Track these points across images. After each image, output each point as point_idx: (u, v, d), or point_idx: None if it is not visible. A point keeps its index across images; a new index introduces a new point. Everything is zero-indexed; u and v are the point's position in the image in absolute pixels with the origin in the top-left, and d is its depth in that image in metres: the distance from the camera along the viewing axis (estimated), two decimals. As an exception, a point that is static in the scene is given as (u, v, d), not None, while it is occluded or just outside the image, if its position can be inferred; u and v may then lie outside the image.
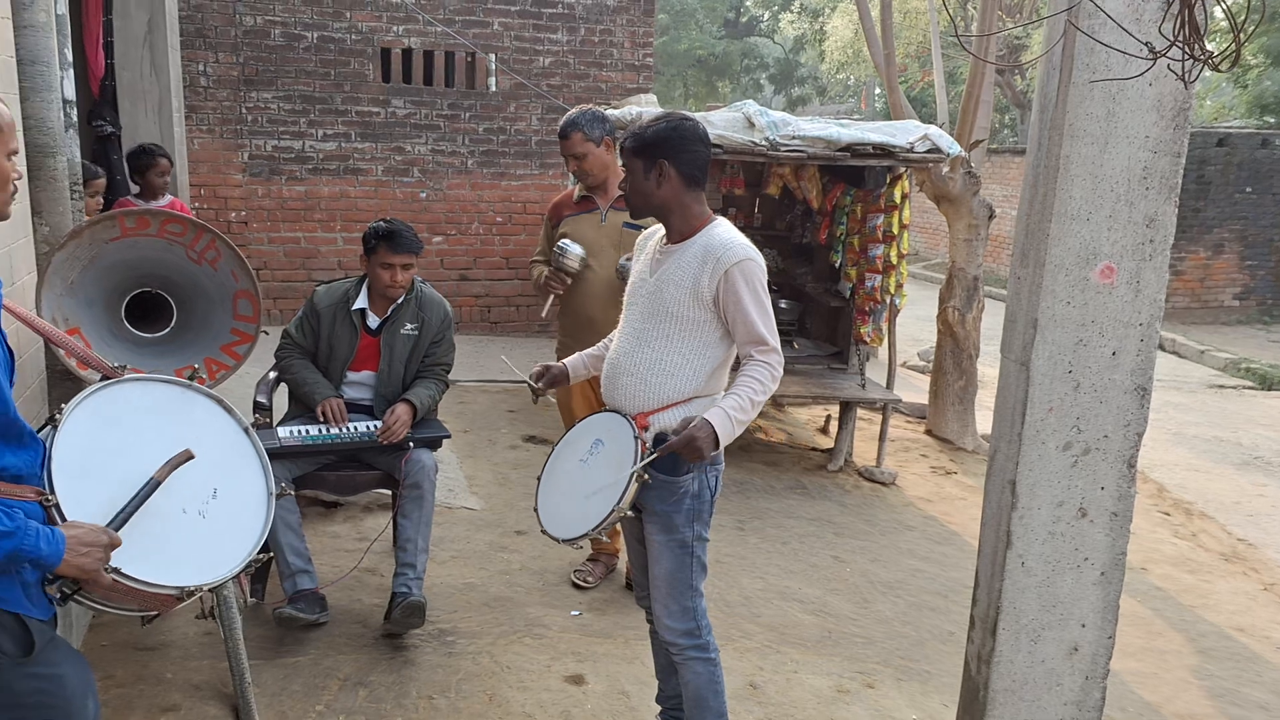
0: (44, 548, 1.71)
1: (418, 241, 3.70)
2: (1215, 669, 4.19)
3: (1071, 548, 2.49)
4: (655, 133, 2.62)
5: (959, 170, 6.89)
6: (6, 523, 1.67)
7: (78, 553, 1.75)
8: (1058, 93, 2.38)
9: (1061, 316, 2.41)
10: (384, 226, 3.68)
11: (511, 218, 8.86)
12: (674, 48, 21.38)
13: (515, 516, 4.93)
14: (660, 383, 2.63)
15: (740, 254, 2.56)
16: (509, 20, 8.52)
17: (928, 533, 5.49)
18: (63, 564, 1.74)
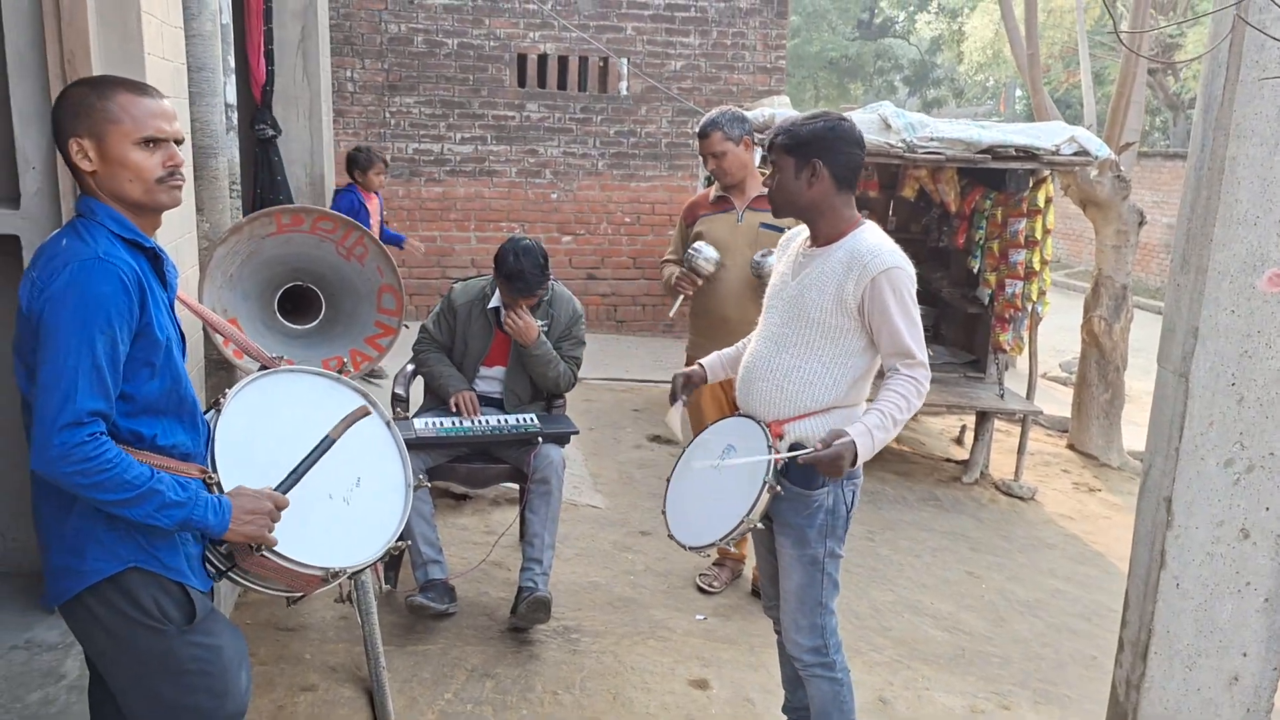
0: (211, 518, 1.81)
1: (540, 279, 3.63)
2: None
3: (1232, 571, 2.34)
4: (811, 131, 2.52)
5: (1107, 174, 6.58)
6: (180, 493, 1.77)
7: (242, 521, 1.84)
8: (1223, 91, 2.25)
9: (1225, 326, 2.28)
10: (511, 265, 3.61)
11: (640, 218, 8.93)
12: (805, 49, 21.13)
13: (639, 516, 4.95)
14: (798, 390, 2.54)
15: (889, 261, 2.45)
16: (642, 25, 8.59)
17: (1069, 552, 5.26)
18: (230, 532, 1.84)
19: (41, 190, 2.78)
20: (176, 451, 1.90)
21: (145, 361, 1.82)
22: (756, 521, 2.47)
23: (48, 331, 1.71)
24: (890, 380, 2.47)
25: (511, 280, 3.64)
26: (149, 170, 1.82)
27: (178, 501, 1.76)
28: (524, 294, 3.66)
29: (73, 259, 1.74)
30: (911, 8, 25.08)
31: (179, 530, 1.80)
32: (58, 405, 1.68)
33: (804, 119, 2.56)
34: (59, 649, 2.90)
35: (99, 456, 1.69)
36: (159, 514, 1.75)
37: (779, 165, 2.56)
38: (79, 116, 1.80)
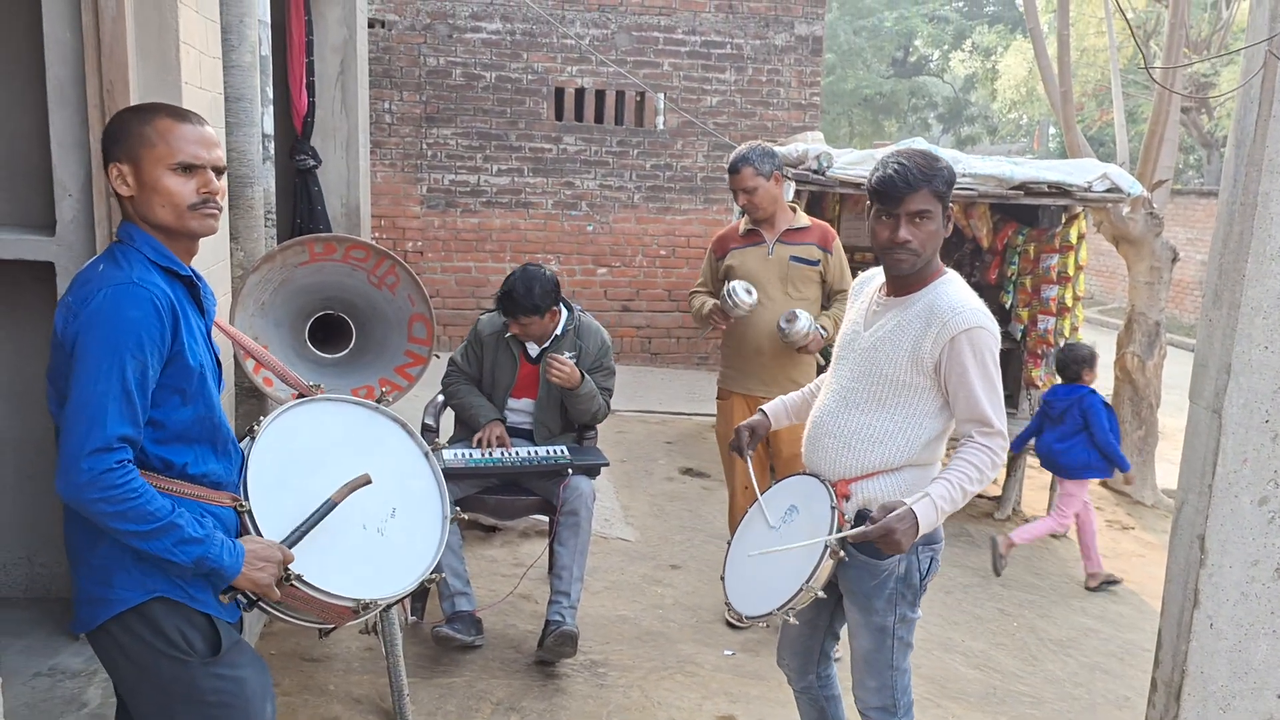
0: (225, 559, 1.81)
1: (535, 301, 3.63)
2: None
3: (1267, 611, 2.31)
4: (950, 173, 2.33)
5: (1140, 211, 6.55)
6: (198, 529, 1.78)
7: (254, 567, 1.85)
8: (1256, 126, 2.25)
9: (1259, 363, 2.26)
10: (505, 285, 3.67)
11: (675, 251, 8.99)
12: (840, 86, 21.25)
13: (670, 550, 4.94)
14: (866, 449, 2.39)
15: (972, 320, 2.28)
16: (679, 61, 8.70)
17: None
18: (240, 577, 1.84)
19: (77, 218, 2.83)
20: (207, 480, 1.90)
21: (176, 388, 1.82)
22: (818, 590, 2.33)
23: (79, 356, 1.72)
24: (963, 448, 2.31)
25: (501, 300, 3.70)
26: (182, 196, 1.82)
27: (195, 538, 1.77)
28: (511, 314, 3.69)
29: (106, 284, 1.75)
30: (946, 46, 25.16)
31: (194, 568, 1.79)
32: (85, 430, 1.68)
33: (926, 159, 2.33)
34: (82, 676, 2.91)
35: (125, 485, 1.69)
36: (176, 549, 1.75)
37: (928, 213, 2.31)
38: (119, 141, 1.81)
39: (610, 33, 8.59)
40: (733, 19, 8.71)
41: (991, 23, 24.59)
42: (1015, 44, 20.09)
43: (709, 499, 5.69)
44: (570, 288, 8.80)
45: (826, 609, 2.60)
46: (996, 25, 24.05)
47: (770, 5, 8.72)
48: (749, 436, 2.76)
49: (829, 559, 2.30)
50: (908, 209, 2.30)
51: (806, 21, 8.80)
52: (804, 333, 3.85)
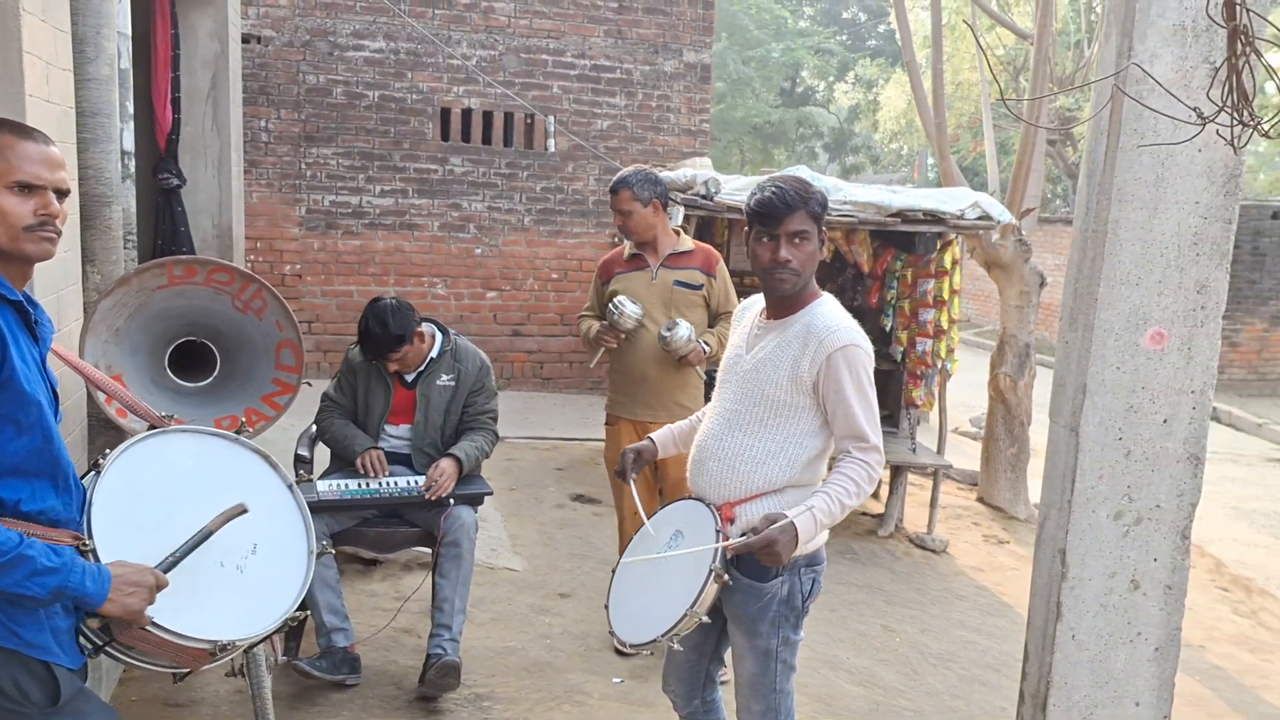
0: (89, 586, 1.69)
1: (395, 333, 3.56)
2: (1283, 758, 3.99)
3: (1124, 621, 2.40)
4: (824, 197, 2.42)
5: (1010, 238, 6.84)
6: (53, 558, 1.66)
7: (123, 592, 1.73)
8: (1105, 157, 2.36)
9: (1111, 382, 2.36)
10: (361, 326, 3.60)
11: (567, 274, 8.96)
12: (731, 115, 21.65)
13: (559, 578, 4.89)
14: (750, 471, 2.42)
15: (846, 339, 2.35)
16: (568, 84, 8.71)
17: (979, 603, 5.34)
18: (107, 603, 1.72)
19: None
20: (44, 517, 1.78)
21: (10, 418, 1.71)
22: (702, 615, 2.33)
23: None
24: (841, 464, 2.36)
25: (360, 342, 3.64)
26: (17, 216, 1.73)
27: (51, 568, 1.65)
28: (378, 355, 3.63)
29: None
30: (831, 78, 25.96)
31: (53, 600, 1.68)
32: None
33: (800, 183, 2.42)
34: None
35: None
36: (29, 581, 1.63)
37: (806, 234, 2.39)
38: None
39: (498, 54, 8.55)
40: (622, 44, 8.78)
41: (873, 56, 25.49)
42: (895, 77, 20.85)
43: (600, 525, 5.65)
44: (458, 312, 8.68)
45: (712, 634, 2.60)
46: (878, 59, 24.94)
47: (659, 32, 8.83)
48: (633, 461, 2.76)
49: (713, 583, 2.30)
50: (786, 230, 2.37)
51: (695, 49, 8.93)
52: (684, 339, 3.87)
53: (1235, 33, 1.93)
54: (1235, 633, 5.28)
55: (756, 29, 21.81)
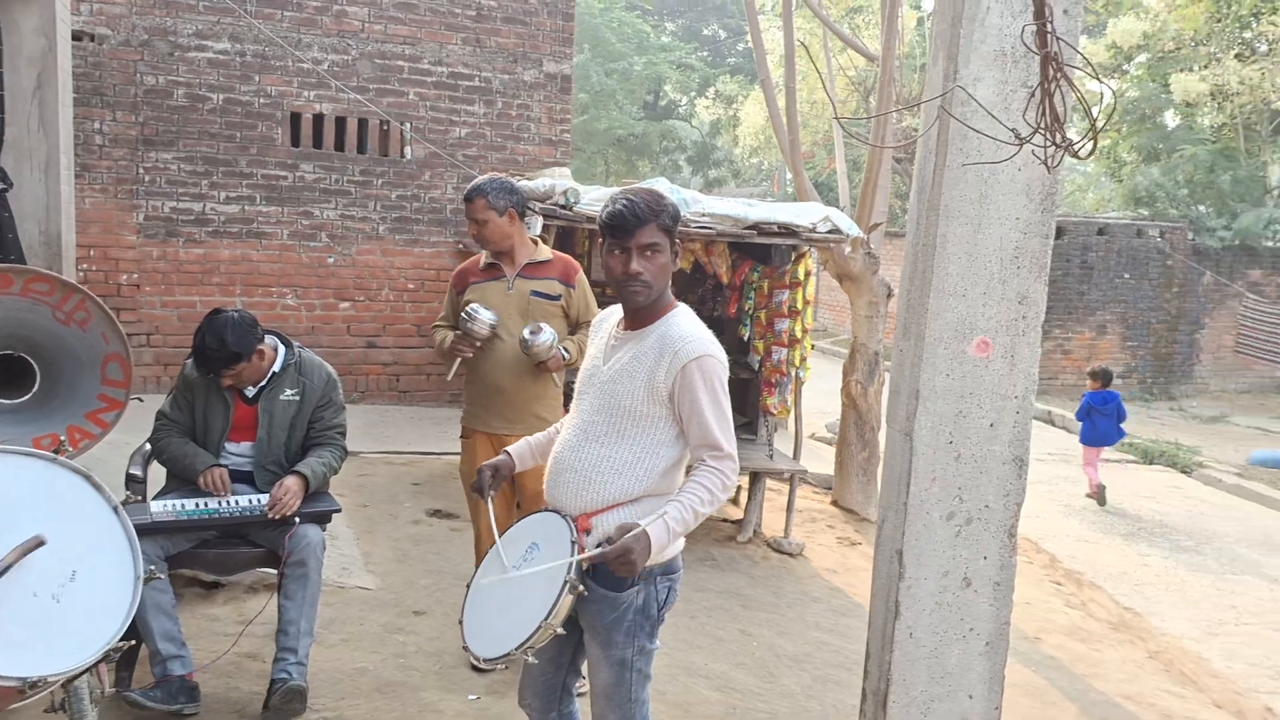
0: None
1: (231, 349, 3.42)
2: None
3: (958, 618, 2.51)
4: (675, 209, 2.44)
5: (859, 250, 7.10)
6: None
7: None
8: (933, 175, 2.48)
9: (942, 388, 2.48)
10: (194, 345, 3.46)
11: (424, 285, 8.79)
12: (594, 126, 21.78)
13: (414, 596, 4.78)
14: (606, 481, 2.43)
15: (701, 349, 2.38)
16: (424, 90, 8.57)
17: (833, 604, 5.50)
18: None
19: None
20: None
21: None
22: (557, 627, 2.32)
23: None
24: (696, 472, 2.39)
25: (195, 360, 3.49)
26: None
27: None
28: (212, 371, 3.49)
29: None
30: (693, 93, 26.45)
31: None
32: None
33: (652, 195, 2.44)
34: None
35: None
36: None
37: (657, 245, 2.41)
38: None
39: (351, 59, 8.34)
40: (480, 53, 8.70)
41: (733, 73, 26.13)
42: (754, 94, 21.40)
43: (457, 541, 5.56)
44: (309, 323, 8.40)
45: (568, 645, 2.59)
46: (738, 75, 25.58)
47: (519, 41, 8.79)
48: (491, 477, 2.72)
49: (568, 594, 2.30)
50: (638, 242, 2.40)
51: (555, 60, 8.94)
52: (547, 344, 3.85)
53: (1047, 59, 2.06)
54: (1068, 624, 5.61)
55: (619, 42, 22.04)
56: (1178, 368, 14.11)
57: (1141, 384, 13.94)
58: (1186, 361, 14.15)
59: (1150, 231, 13.81)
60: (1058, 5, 2.27)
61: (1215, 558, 7.10)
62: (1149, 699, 4.69)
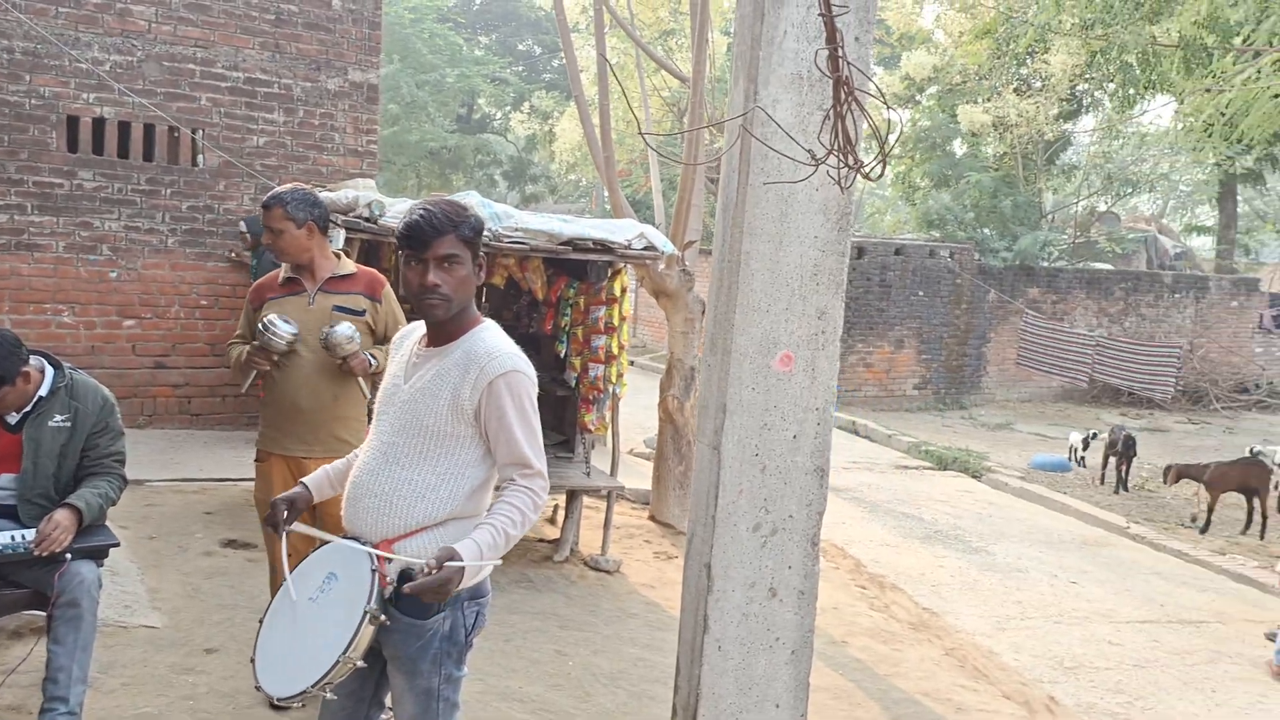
0: None
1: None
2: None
3: (764, 628, 2.55)
4: (478, 221, 2.36)
5: (675, 268, 7.22)
6: None
7: None
8: (737, 193, 2.52)
9: (748, 402, 2.52)
10: None
11: (218, 301, 8.28)
12: (405, 138, 21.32)
13: (205, 633, 4.47)
14: (409, 505, 2.33)
15: (508, 364, 2.32)
16: (218, 96, 8.10)
17: (650, 620, 5.52)
18: None
19: None
20: None
21: None
22: (358, 660, 2.20)
23: None
24: (506, 491, 2.33)
25: None
26: None
27: None
28: None
29: None
30: (507, 107, 26.34)
31: None
32: None
33: (456, 207, 2.36)
34: None
35: None
36: None
37: (458, 258, 2.33)
38: None
39: (136, 60, 7.78)
40: (280, 59, 8.31)
41: (549, 89, 26.20)
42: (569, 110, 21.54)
43: (255, 572, 5.24)
44: (89, 343, 7.75)
45: (370, 678, 2.47)
46: (553, 91, 25.66)
47: (321, 48, 8.45)
48: (286, 511, 2.55)
49: (369, 625, 2.20)
50: (435, 254, 2.32)
51: (361, 68, 8.65)
52: (346, 336, 3.70)
53: (839, 83, 2.13)
54: (871, 626, 5.85)
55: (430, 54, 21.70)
56: (968, 379, 15.14)
57: (936, 394, 14.85)
58: (975, 373, 15.20)
59: (941, 252, 14.78)
60: (849, 32, 2.36)
61: (1003, 557, 7.62)
62: (945, 694, 4.94)
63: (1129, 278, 16.48)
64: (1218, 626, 5.77)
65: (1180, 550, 7.95)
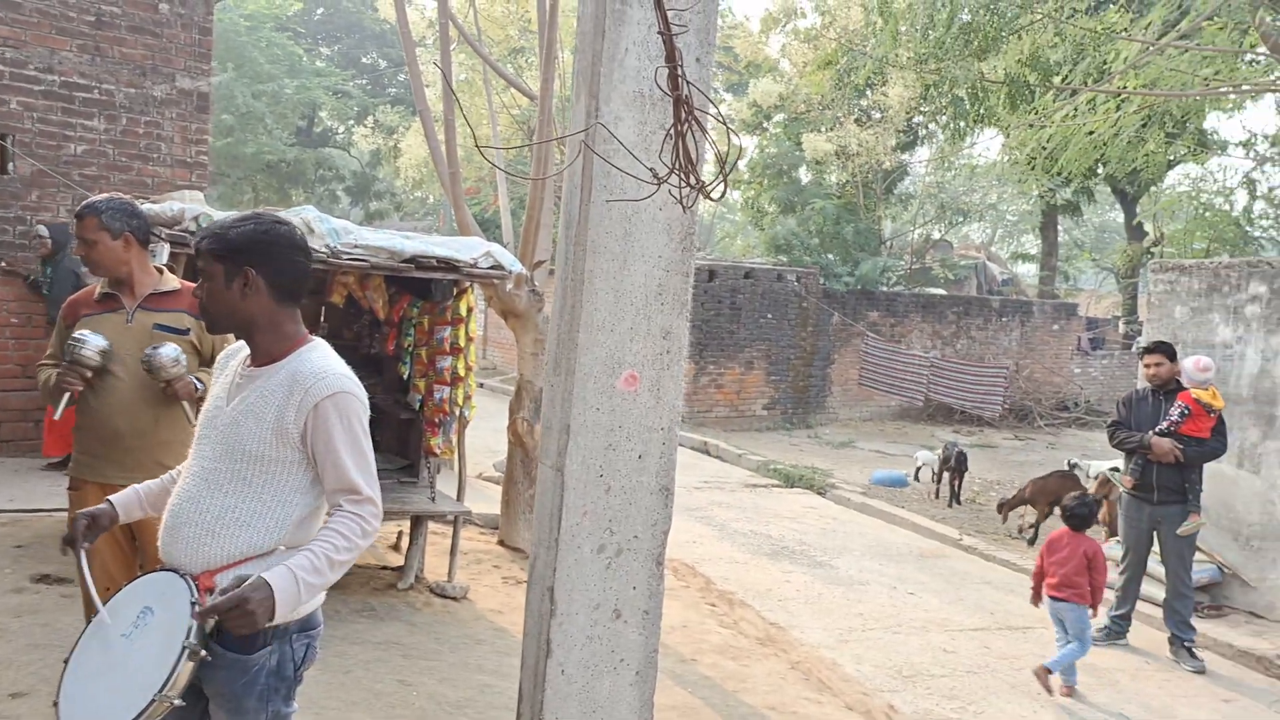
0: None
1: None
2: (754, 750, 4.50)
3: (608, 650, 2.52)
4: (241, 235, 2.26)
5: (523, 287, 7.16)
6: None
7: None
8: (580, 211, 2.50)
9: (592, 422, 2.49)
10: None
11: (30, 319, 7.69)
12: (241, 150, 20.47)
13: (12, 676, 4.10)
14: (231, 534, 2.22)
15: (336, 385, 2.24)
16: (31, 100, 7.55)
17: (498, 646, 5.41)
18: None
19: None
20: None
21: None
22: (175, 698, 2.07)
23: None
24: (332, 518, 2.24)
25: None
26: None
27: None
28: None
29: None
30: (350, 121, 25.67)
31: None
32: None
33: (234, 221, 2.30)
34: None
35: None
36: None
37: (207, 272, 2.28)
38: None
39: (-63, 58, 7.18)
40: (101, 63, 7.82)
41: (394, 103, 25.68)
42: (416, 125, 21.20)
43: (70, 609, 4.85)
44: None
45: (191, 717, 2.32)
46: (398, 106, 25.17)
47: (147, 54, 8.00)
48: (87, 527, 2.40)
49: (188, 661, 2.07)
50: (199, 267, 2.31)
51: (191, 76, 8.23)
52: (170, 358, 3.49)
53: (679, 101, 2.14)
54: (720, 643, 5.90)
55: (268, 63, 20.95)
56: (813, 399, 15.63)
57: (784, 414, 15.26)
58: (820, 393, 15.71)
59: (788, 276, 15.25)
60: (690, 53, 2.38)
61: (846, 570, 7.85)
62: (791, 707, 5.03)
63: (961, 302, 17.43)
64: (1043, 632, 6.09)
65: (1009, 560, 8.38)
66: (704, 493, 10.30)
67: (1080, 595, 5.41)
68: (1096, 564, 5.46)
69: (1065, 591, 5.44)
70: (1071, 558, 5.45)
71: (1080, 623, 5.42)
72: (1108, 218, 31.01)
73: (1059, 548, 5.54)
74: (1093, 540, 5.60)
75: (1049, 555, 5.58)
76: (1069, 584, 5.42)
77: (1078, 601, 5.41)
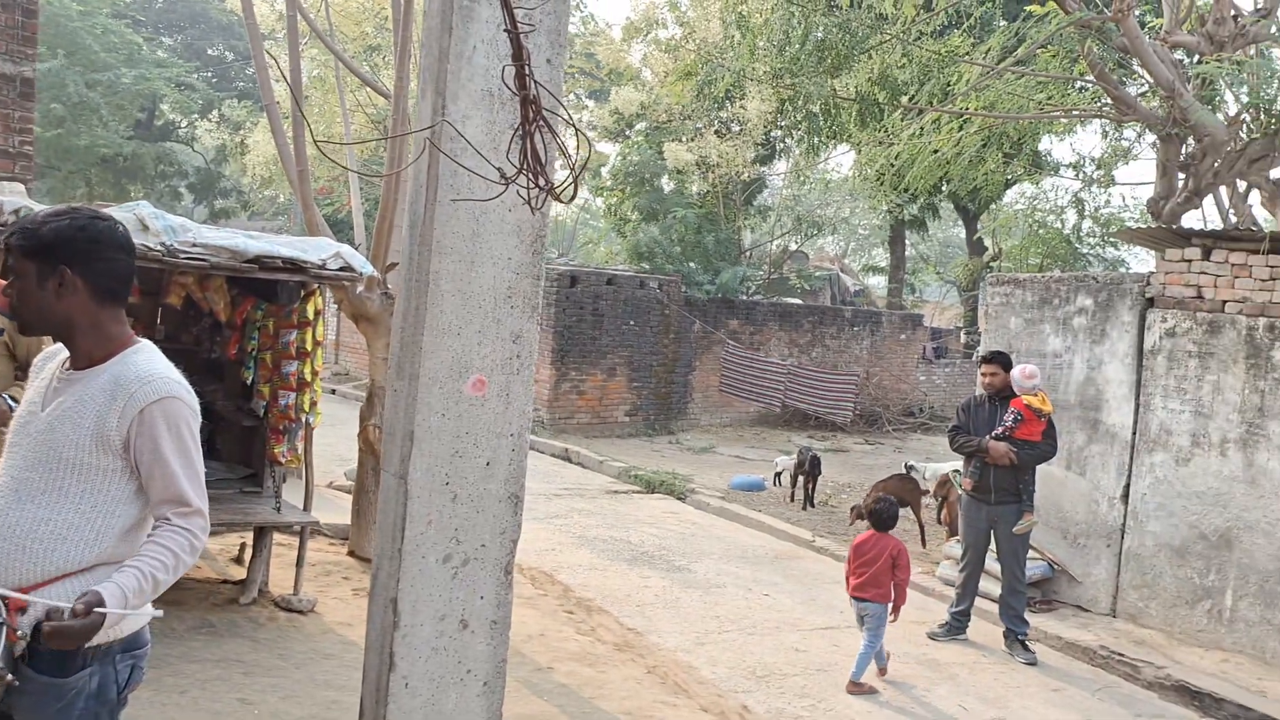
0: None
1: None
2: (609, 757, 4.48)
3: (455, 661, 2.45)
4: (55, 231, 2.11)
5: (376, 290, 6.96)
6: None
7: None
8: (425, 210, 2.43)
9: (437, 429, 2.42)
10: None
11: None
12: (73, 142, 19.20)
13: None
14: (48, 549, 2.08)
15: (164, 390, 2.14)
16: None
17: (346, 660, 5.22)
18: None
19: None
20: None
21: None
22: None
23: None
24: (158, 532, 2.13)
25: None
26: None
27: None
28: None
29: None
30: (194, 115, 24.48)
31: None
32: None
33: (47, 215, 2.15)
34: None
35: None
36: None
37: (19, 271, 2.13)
38: None
39: None
40: (-92, 41, 7.20)
41: (241, 97, 24.62)
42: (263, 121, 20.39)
43: None
44: None
45: None
46: (245, 100, 24.15)
47: (-37, 34, 7.41)
48: None
49: None
50: None
51: (13, 61, 7.65)
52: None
53: (526, 101, 2.10)
54: (578, 650, 5.87)
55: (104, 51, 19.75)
56: (675, 405, 15.79)
57: (646, 421, 15.36)
58: (682, 400, 15.90)
59: (651, 283, 15.38)
60: (540, 53, 2.34)
61: (703, 574, 7.94)
62: (647, 711, 5.04)
63: (816, 312, 17.97)
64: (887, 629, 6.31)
65: (857, 559, 8.66)
66: (564, 500, 10.25)
67: (883, 595, 5.65)
68: (901, 562, 5.72)
69: (869, 591, 5.66)
70: (878, 558, 5.68)
71: (879, 619, 5.67)
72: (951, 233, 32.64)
73: (865, 550, 5.76)
74: (897, 540, 5.85)
75: (856, 558, 5.78)
76: (875, 583, 5.65)
77: (881, 601, 5.65)
